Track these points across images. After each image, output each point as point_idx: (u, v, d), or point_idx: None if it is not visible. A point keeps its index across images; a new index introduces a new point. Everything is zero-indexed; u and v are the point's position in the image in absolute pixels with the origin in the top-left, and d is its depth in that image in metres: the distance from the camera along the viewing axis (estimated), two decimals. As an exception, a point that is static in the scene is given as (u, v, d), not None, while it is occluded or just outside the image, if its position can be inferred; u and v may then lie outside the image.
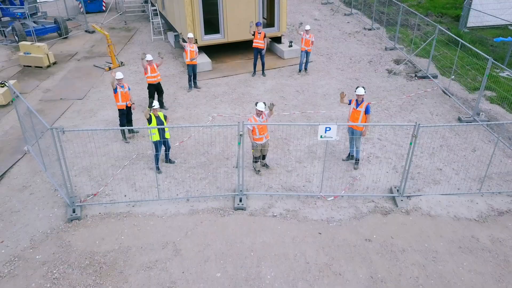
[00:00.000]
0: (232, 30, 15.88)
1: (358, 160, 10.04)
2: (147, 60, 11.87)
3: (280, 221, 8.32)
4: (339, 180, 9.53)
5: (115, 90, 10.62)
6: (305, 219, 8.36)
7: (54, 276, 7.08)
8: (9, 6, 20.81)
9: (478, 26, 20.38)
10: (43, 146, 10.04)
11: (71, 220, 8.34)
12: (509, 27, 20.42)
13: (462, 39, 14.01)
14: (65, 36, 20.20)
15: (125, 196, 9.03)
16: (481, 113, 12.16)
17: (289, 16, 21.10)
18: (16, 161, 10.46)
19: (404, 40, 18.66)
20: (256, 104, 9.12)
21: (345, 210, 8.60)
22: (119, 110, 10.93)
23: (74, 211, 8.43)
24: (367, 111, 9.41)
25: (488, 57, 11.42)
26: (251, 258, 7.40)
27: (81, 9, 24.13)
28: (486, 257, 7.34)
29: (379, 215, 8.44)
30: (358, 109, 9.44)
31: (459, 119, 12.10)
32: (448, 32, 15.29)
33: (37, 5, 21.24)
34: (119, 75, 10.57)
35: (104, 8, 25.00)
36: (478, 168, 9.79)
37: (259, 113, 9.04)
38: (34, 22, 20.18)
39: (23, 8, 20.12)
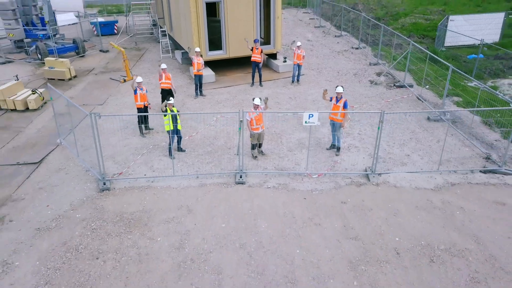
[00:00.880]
0: (233, 47, 18.24)
1: (339, 148, 12.08)
2: (162, 68, 14.09)
3: (273, 191, 10.28)
4: (323, 163, 11.54)
5: (135, 92, 12.77)
6: (293, 190, 10.32)
7: (93, 227, 8.99)
8: (32, 28, 23.29)
9: (454, 46, 22.79)
10: (77, 136, 12.09)
11: (102, 191, 10.31)
12: (479, 45, 22.82)
13: (437, 55, 16.29)
14: (82, 55, 22.61)
15: (145, 175, 11.00)
16: (447, 113, 14.30)
17: (284, 38, 23.65)
18: (51, 151, 12.48)
19: (386, 57, 21.04)
20: (253, 99, 11.24)
21: (326, 184, 10.57)
22: (137, 109, 13.05)
23: (104, 184, 10.40)
24: (345, 106, 11.52)
25: (449, 64, 13.68)
26: (249, 215, 9.33)
27: (95, 32, 26.73)
28: (436, 213, 9.28)
29: (354, 186, 10.41)
30: (337, 104, 11.56)
31: (428, 118, 14.21)
32: (423, 49, 17.64)
33: (57, 28, 23.73)
34: (139, 79, 12.76)
35: (116, 31, 27.59)
36: (439, 154, 11.80)
37: (256, 107, 11.15)
38: (54, 42, 22.61)
39: (45, 30, 22.62)
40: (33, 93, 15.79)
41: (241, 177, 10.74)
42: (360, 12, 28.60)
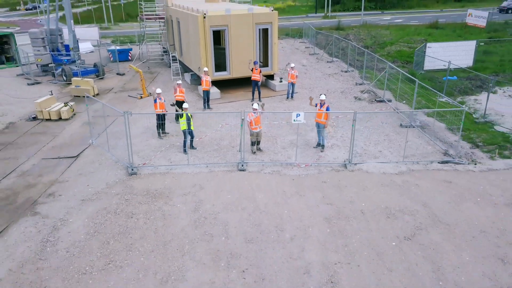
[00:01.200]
0: (236, 68, 21.22)
1: (324, 146, 14.73)
2: (177, 83, 16.96)
3: (268, 175, 12.85)
4: (310, 157, 14.15)
5: (155, 101, 15.56)
6: (285, 174, 12.90)
7: (126, 198, 11.53)
8: (57, 53, 26.43)
9: (432, 69, 25.77)
10: (107, 136, 14.79)
11: (131, 175, 12.90)
12: (448, 68, 25.80)
13: (415, 77, 19.17)
14: (102, 77, 25.66)
15: (163, 166, 13.60)
16: (417, 120, 17.01)
17: (281, 63, 26.70)
18: (85, 149, 15.16)
19: (371, 78, 23.97)
20: (252, 104, 13.99)
21: (311, 170, 13.15)
22: (157, 115, 15.80)
23: (132, 170, 13.01)
24: (327, 110, 14.25)
25: (415, 79, 16.50)
26: (249, 190, 11.88)
27: (111, 58, 29.95)
28: (396, 188, 11.81)
29: (334, 172, 12.98)
30: (321, 109, 14.31)
31: (401, 125, 16.92)
32: (399, 70, 20.58)
33: (79, 54, 26.89)
34: (158, 90, 15.59)
35: (130, 57, 30.83)
36: (407, 151, 14.40)
37: (255, 110, 13.89)
38: (76, 66, 25.70)
39: (70, 55, 25.79)
40: (65, 106, 18.62)
41: (242, 166, 13.34)
42: (351, 41, 31.90)
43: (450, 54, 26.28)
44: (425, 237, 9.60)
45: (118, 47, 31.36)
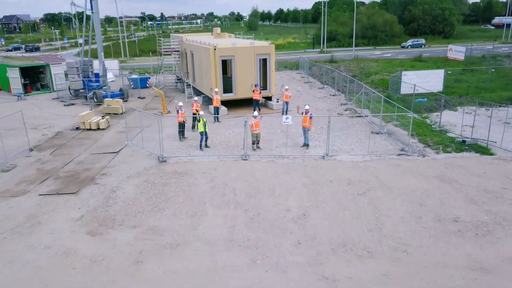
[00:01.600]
0: (240, 90, 26.00)
1: (308, 145, 19.18)
2: (194, 100, 21.66)
3: (265, 163, 17.24)
4: (297, 152, 18.56)
5: (177, 111, 20.19)
6: (277, 162, 17.28)
7: (160, 175, 15.91)
8: (88, 79, 31.43)
9: (408, 93, 30.46)
10: (150, 132, 19.34)
11: (161, 162, 17.33)
12: (415, 91, 30.46)
13: (390, 99, 23.81)
14: (126, 99, 30.50)
15: (185, 157, 18.04)
16: (386, 129, 21.51)
17: (278, 88, 31.51)
18: (123, 147, 19.67)
19: (355, 101, 28.69)
20: (253, 113, 18.58)
21: (298, 160, 17.53)
22: (178, 123, 20.37)
23: (163, 159, 17.46)
24: (310, 117, 18.81)
25: (381, 95, 21.11)
26: (250, 170, 16.24)
27: (132, 86, 34.95)
28: (359, 168, 16.15)
29: (314, 160, 17.37)
30: (306, 116, 18.86)
31: (372, 132, 21.40)
32: (375, 91, 25.28)
33: (106, 80, 31.90)
34: (180, 103, 20.27)
35: (148, 85, 35.88)
36: (373, 148, 18.76)
37: (255, 117, 18.46)
38: (105, 91, 30.62)
39: (99, 82, 30.80)
40: (102, 118, 23.30)
41: (245, 157, 17.76)
42: (341, 71, 36.94)
43: (423, 81, 31.11)
44: (372, 193, 13.88)
45: (136, 76, 36.42)
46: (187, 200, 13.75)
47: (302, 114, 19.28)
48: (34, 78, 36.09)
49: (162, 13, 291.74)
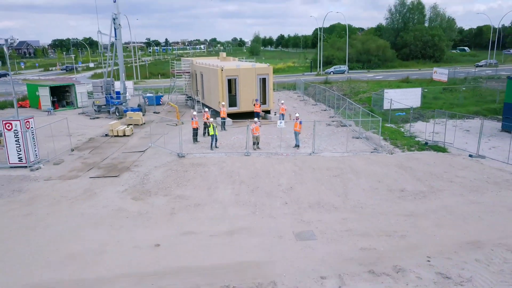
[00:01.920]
0: (243, 104, 30.74)
1: (299, 146, 23.73)
2: (205, 111, 26.36)
3: (263, 158, 21.75)
4: (290, 151, 23.09)
5: (192, 119, 24.85)
6: (273, 158, 21.79)
7: (180, 165, 20.41)
8: (109, 96, 36.28)
9: (389, 109, 35.11)
10: (167, 138, 23.97)
11: (180, 157, 21.87)
12: (392, 107, 35.06)
13: (372, 112, 28.48)
14: (144, 114, 35.27)
15: (199, 154, 22.58)
16: (364, 135, 26.07)
17: (276, 105, 36.27)
18: (147, 148, 24.24)
19: (342, 114, 33.37)
20: (254, 119, 23.24)
21: (290, 157, 22.03)
22: (193, 128, 25.01)
23: (182, 155, 22.01)
24: (300, 123, 23.43)
25: (360, 106, 25.75)
26: (251, 163, 20.74)
27: (147, 103, 39.80)
28: (337, 161, 20.63)
29: (302, 156, 21.87)
30: (296, 121, 23.48)
31: (353, 137, 25.95)
32: (358, 105, 29.96)
33: (126, 97, 36.78)
34: (194, 112, 24.97)
35: (161, 102, 40.76)
36: (351, 148, 23.20)
37: (255, 122, 23.10)
38: (125, 106, 35.41)
39: (120, 99, 35.67)
40: (127, 127, 27.98)
41: (247, 154, 22.28)
42: (333, 91, 41.79)
43: (402, 98, 35.85)
44: (344, 176, 18.33)
45: (151, 94, 41.40)
46: (203, 180, 18.21)
47: (294, 120, 23.90)
48: (60, 96, 41.02)
49: (166, 39, 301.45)
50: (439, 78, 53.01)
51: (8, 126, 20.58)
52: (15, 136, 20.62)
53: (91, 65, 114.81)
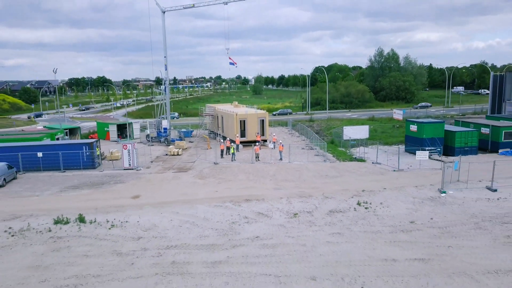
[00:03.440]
0: (249, 136, 49.66)
1: (281, 159, 42.36)
2: (226, 139, 45.22)
3: (261, 164, 40.30)
4: (276, 161, 41.63)
5: (220, 143, 43.62)
6: (266, 164, 40.33)
7: (217, 168, 38.96)
8: (158, 131, 55.25)
9: (349, 139, 53.73)
10: (203, 156, 42.76)
11: (215, 164, 40.44)
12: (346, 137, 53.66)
13: (333, 143, 47.05)
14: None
15: (225, 163, 41.13)
16: (322, 154, 44.66)
17: (271, 136, 55.18)
18: (195, 160, 42.90)
19: (313, 142, 52.02)
20: (255, 144, 42.04)
21: (275, 164, 40.54)
22: (221, 150, 43.73)
23: (216, 163, 40.61)
24: (282, 145, 42.15)
25: (317, 136, 44.47)
26: (254, 166, 39.31)
27: (182, 136, 58.86)
28: (301, 165, 39.10)
29: (282, 164, 40.38)
30: (280, 145, 42.20)
31: (314, 155, 44.51)
32: (317, 136, 48.63)
33: (170, 131, 55.78)
34: (221, 140, 43.80)
35: (192, 135, 59.80)
36: (311, 160, 41.54)
37: (256, 145, 41.86)
38: (170, 137, 54.29)
39: (166, 132, 54.79)
40: (179, 149, 46.80)
41: (252, 163, 40.84)
42: (313, 127, 60.67)
43: (356, 132, 54.58)
44: (302, 171, 36.78)
45: (184, 130, 60.53)
46: (231, 173, 36.61)
47: (279, 144, 42.62)
48: (120, 131, 60.05)
49: (175, 77, 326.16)
50: (397, 117, 71.82)
51: (125, 147, 39.30)
52: (128, 152, 39.28)
53: (108, 104, 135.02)
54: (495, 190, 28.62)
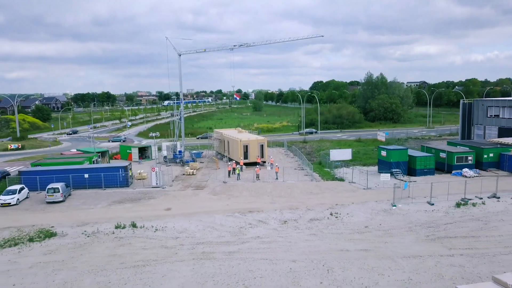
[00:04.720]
0: (251, 158, 60.33)
1: (277, 178, 52.91)
2: (233, 162, 55.83)
3: (260, 183, 50.84)
4: (272, 179, 52.15)
5: (228, 164, 54.19)
6: (265, 182, 50.83)
7: (226, 186, 49.47)
8: (174, 154, 65.79)
9: (335, 160, 64.19)
10: (214, 175, 53.38)
11: (224, 183, 51.02)
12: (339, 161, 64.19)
13: (320, 164, 57.61)
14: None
15: (232, 181, 51.63)
16: (311, 174, 55.20)
17: (269, 157, 65.79)
18: (208, 179, 53.44)
19: (308, 164, 62.50)
20: (256, 167, 52.65)
21: (272, 183, 51.02)
22: (228, 170, 54.26)
23: (225, 182, 51.18)
24: (278, 167, 52.71)
25: (307, 159, 55.06)
26: (255, 185, 49.83)
27: (194, 157, 69.49)
28: (292, 184, 49.59)
29: (278, 182, 50.88)
30: (276, 166, 52.77)
31: (304, 175, 55.03)
32: (307, 159, 59.14)
33: (183, 152, 66.35)
34: (229, 162, 54.40)
35: (202, 156, 70.39)
36: (301, 179, 51.95)
37: (257, 167, 52.45)
38: (183, 159, 64.84)
39: (181, 155, 65.43)
40: (194, 170, 57.38)
41: (253, 181, 51.36)
42: (306, 148, 71.18)
43: (340, 154, 65.09)
44: (292, 189, 47.27)
45: (195, 152, 71.13)
46: (237, 190, 47.05)
47: (276, 166, 53.19)
48: (141, 152, 70.60)
49: (177, 93, 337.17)
50: (380, 139, 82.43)
51: (153, 170, 49.84)
52: (156, 174, 49.75)
53: (128, 123, 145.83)
54: (433, 204, 39.06)
